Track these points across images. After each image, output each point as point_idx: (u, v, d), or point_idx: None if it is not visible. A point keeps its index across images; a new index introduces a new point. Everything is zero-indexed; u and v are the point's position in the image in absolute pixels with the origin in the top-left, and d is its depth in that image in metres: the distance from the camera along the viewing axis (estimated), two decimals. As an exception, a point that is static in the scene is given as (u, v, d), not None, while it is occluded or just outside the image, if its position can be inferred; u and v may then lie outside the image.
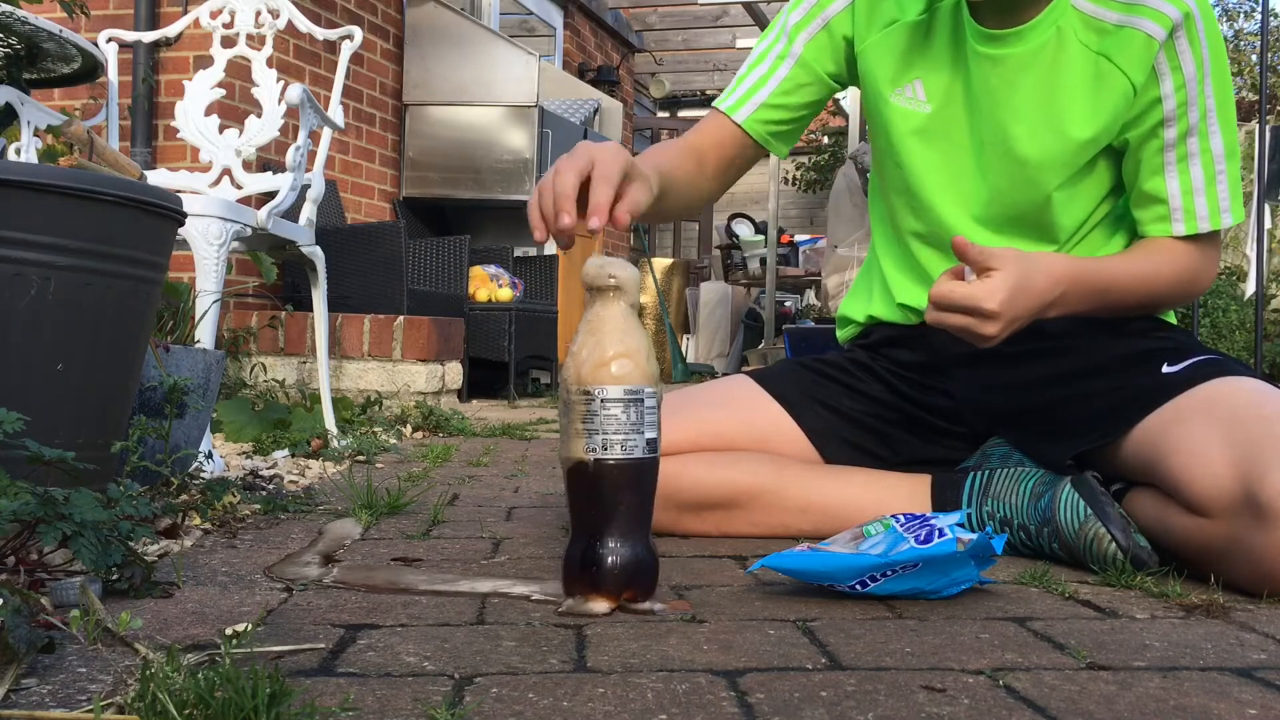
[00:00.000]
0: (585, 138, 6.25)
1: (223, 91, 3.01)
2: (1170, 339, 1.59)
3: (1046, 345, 1.59)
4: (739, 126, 1.69)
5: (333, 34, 3.02)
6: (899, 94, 1.63)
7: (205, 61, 3.07)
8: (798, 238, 9.55)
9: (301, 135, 2.74)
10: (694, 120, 11.05)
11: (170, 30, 3.18)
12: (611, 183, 1.25)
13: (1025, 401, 1.59)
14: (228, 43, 3.06)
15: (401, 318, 4.02)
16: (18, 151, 2.45)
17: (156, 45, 4.40)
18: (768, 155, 1.75)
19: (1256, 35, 11.76)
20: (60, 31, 2.39)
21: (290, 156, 2.70)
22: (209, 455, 2.11)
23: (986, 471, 1.56)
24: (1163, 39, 1.47)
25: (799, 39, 1.68)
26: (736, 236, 9.38)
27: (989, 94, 1.56)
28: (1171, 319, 1.67)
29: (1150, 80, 1.49)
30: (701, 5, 8.72)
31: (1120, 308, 1.56)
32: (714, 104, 1.72)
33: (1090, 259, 1.56)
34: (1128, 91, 1.50)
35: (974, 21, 1.55)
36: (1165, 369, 1.48)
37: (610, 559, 1.16)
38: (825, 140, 11.15)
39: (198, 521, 1.62)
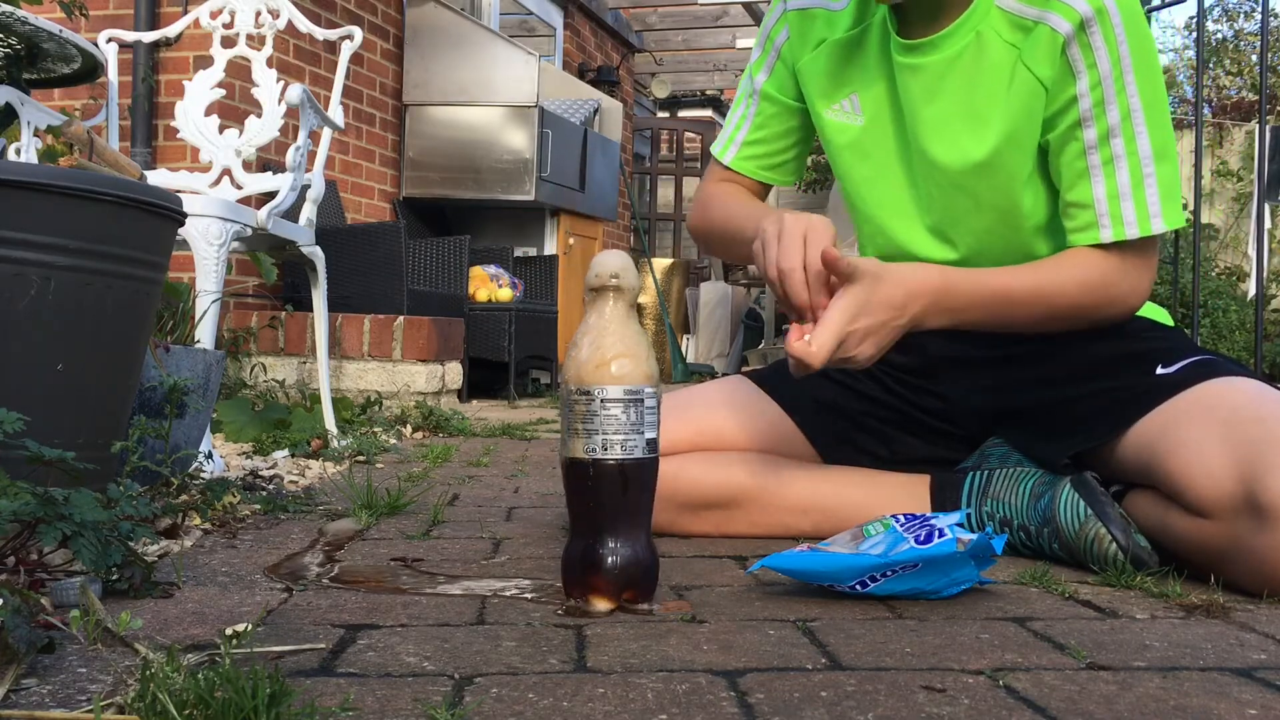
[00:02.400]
0: (585, 138, 6.25)
1: (223, 91, 3.01)
2: (1162, 340, 1.58)
3: (1035, 348, 1.58)
4: (730, 169, 1.75)
5: (333, 34, 3.02)
6: (834, 109, 1.63)
7: (205, 61, 3.07)
8: (798, 238, 9.52)
9: (301, 135, 2.74)
10: (694, 120, 11.01)
11: (170, 30, 3.18)
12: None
13: (1016, 403, 1.59)
14: (228, 43, 3.06)
15: (401, 318, 4.02)
16: (18, 151, 2.45)
17: (156, 45, 4.40)
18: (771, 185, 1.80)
19: (1256, 35, 11.76)
20: (60, 31, 2.39)
21: (290, 156, 2.70)
22: (209, 455, 2.11)
23: (985, 472, 1.56)
24: (1068, 33, 1.43)
25: (759, 76, 1.72)
26: (737, 236, 9.36)
27: (911, 104, 1.54)
28: (1168, 320, 1.66)
29: (1065, 77, 1.45)
30: (701, 5, 8.72)
31: (1021, 322, 1.51)
32: (710, 147, 1.79)
33: (969, 270, 1.51)
34: (1035, 89, 1.46)
35: (894, 31, 1.54)
36: (1159, 370, 1.48)
37: (610, 559, 1.16)
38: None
39: (198, 521, 1.62)
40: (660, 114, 11.03)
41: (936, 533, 1.23)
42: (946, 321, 1.47)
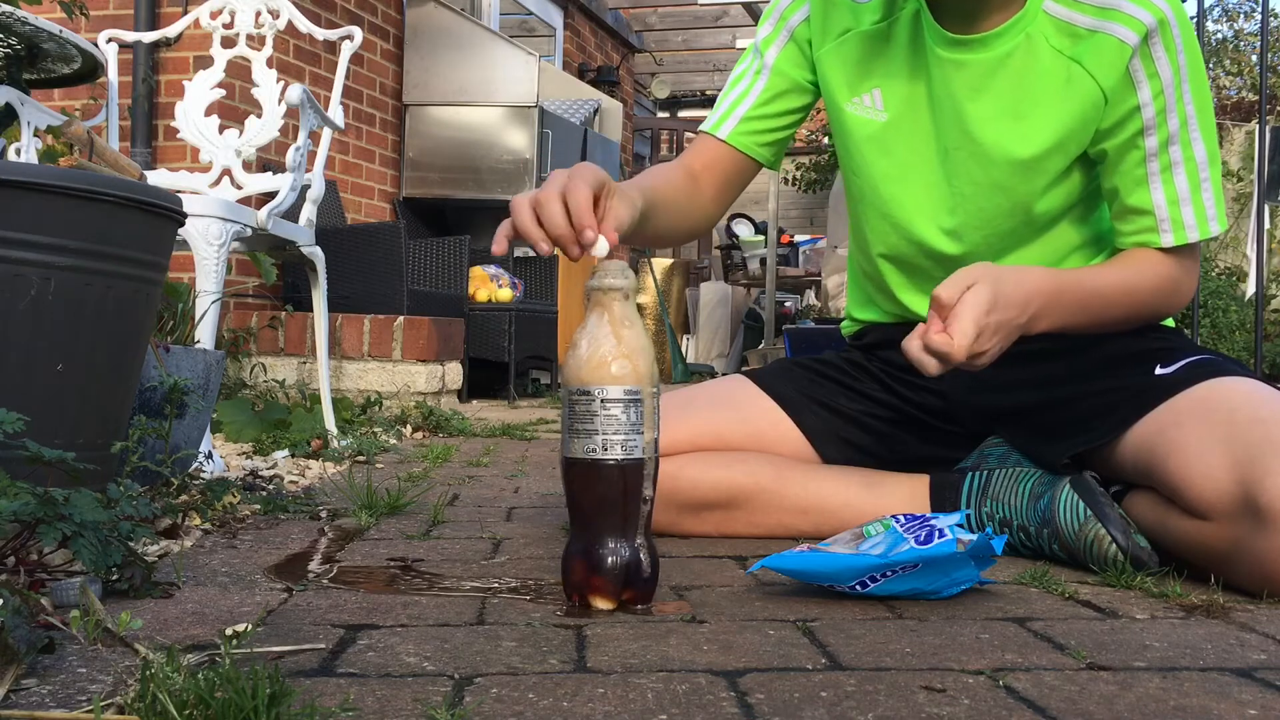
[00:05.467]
0: (585, 138, 6.25)
1: (223, 92, 3.00)
2: (1162, 339, 1.58)
3: (1036, 347, 1.58)
4: (725, 143, 1.71)
5: (333, 34, 3.02)
6: (855, 103, 1.62)
7: (205, 62, 3.07)
8: (798, 238, 9.55)
9: (301, 135, 2.74)
10: (694, 120, 11.05)
11: (170, 30, 3.18)
12: (588, 185, 1.24)
13: (1016, 402, 1.59)
14: (228, 43, 3.06)
15: (401, 318, 4.02)
16: (18, 151, 2.45)
17: (156, 45, 4.40)
18: (762, 167, 1.76)
19: (1256, 35, 11.76)
20: (60, 32, 2.39)
21: (290, 157, 2.70)
22: (209, 455, 2.11)
23: (985, 472, 1.56)
24: (1135, 45, 1.44)
25: (769, 52, 1.70)
26: (736, 236, 9.39)
27: (952, 100, 1.54)
28: (1168, 320, 1.66)
29: (1125, 88, 1.46)
30: (701, 5, 8.72)
31: (1103, 323, 1.53)
32: (700, 127, 1.75)
33: (1069, 271, 1.53)
34: (1096, 98, 1.48)
35: (937, 26, 1.53)
36: (1158, 370, 1.48)
37: (610, 559, 1.16)
38: (825, 140, 11.16)
39: (198, 522, 1.62)
40: (660, 114, 11.03)
41: (936, 533, 1.23)
42: (1051, 324, 1.46)
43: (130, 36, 3.12)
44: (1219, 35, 13.47)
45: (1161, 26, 1.44)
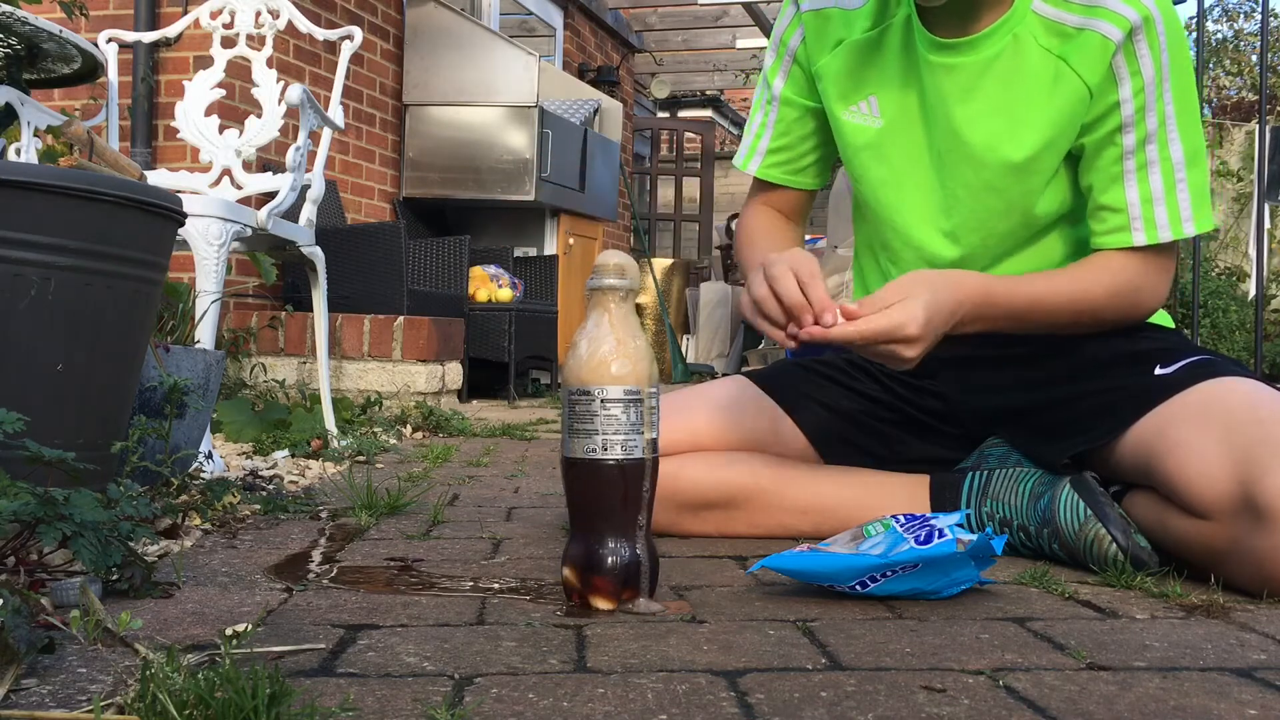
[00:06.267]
0: (585, 138, 6.25)
1: (223, 92, 3.00)
2: (1161, 340, 1.58)
3: (1034, 349, 1.59)
4: (759, 179, 1.76)
5: (333, 34, 3.02)
6: (851, 111, 1.63)
7: (205, 62, 3.07)
8: (798, 238, 9.52)
9: (301, 135, 2.74)
10: (694, 120, 11.00)
11: (170, 30, 3.18)
12: (819, 278, 1.36)
13: (1015, 403, 1.59)
14: (228, 43, 3.06)
15: (401, 318, 4.02)
16: (18, 151, 2.45)
17: (156, 45, 4.40)
18: (814, 193, 1.80)
19: (1256, 35, 11.75)
20: (60, 32, 2.39)
21: (290, 157, 2.70)
22: (209, 455, 2.11)
23: (985, 472, 1.56)
24: (1119, 41, 1.44)
25: (775, 82, 1.72)
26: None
27: (943, 103, 1.54)
28: (1167, 321, 1.66)
29: (1108, 83, 1.46)
30: (701, 5, 8.71)
31: (1049, 326, 1.54)
32: (733, 161, 1.80)
33: (1009, 277, 1.53)
34: (1082, 94, 1.48)
35: (925, 31, 1.53)
36: (1158, 371, 1.48)
37: (610, 559, 1.16)
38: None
39: (198, 522, 1.62)
40: (660, 114, 11.03)
41: (936, 533, 1.23)
42: (983, 328, 1.48)
43: (130, 36, 3.11)
44: (1219, 35, 13.46)
45: (1146, 24, 1.44)
